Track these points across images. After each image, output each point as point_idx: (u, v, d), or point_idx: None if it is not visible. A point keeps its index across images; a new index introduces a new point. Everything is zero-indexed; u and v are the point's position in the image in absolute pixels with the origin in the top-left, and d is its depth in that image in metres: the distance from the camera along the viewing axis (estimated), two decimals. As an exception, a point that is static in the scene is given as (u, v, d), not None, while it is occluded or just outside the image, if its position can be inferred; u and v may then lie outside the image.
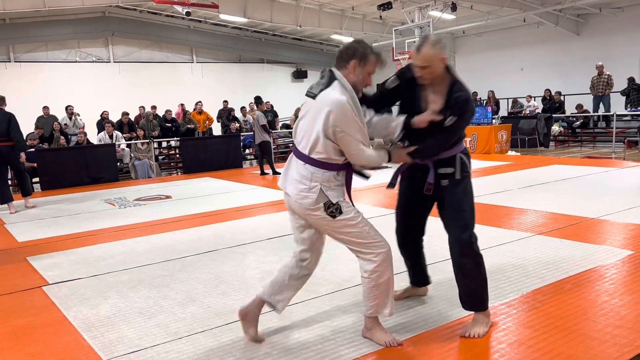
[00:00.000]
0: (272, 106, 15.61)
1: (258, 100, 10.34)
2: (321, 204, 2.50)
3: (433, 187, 2.76)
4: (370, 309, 2.65)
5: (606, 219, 5.10)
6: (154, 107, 13.85)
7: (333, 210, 2.50)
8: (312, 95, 2.57)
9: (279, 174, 10.27)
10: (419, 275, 3.24)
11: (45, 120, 12.36)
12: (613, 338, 2.62)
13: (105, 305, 3.54)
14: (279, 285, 2.73)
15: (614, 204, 5.75)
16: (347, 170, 2.60)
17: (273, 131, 13.46)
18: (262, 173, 10.56)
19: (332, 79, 2.53)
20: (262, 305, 2.78)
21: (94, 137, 12.65)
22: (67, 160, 10.49)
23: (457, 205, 2.72)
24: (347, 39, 19.90)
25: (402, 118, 2.74)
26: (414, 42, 14.62)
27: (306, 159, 2.53)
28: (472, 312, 2.83)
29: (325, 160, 2.50)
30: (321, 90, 2.53)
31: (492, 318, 2.92)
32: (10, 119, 7.23)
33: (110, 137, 11.59)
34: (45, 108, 12.76)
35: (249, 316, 2.76)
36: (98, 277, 4.21)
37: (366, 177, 2.72)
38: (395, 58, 15.38)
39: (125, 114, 13.09)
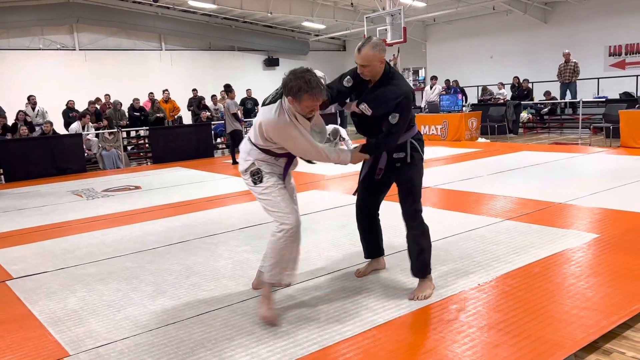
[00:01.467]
0: (251, 93, 15.52)
1: (228, 88, 10.19)
2: (248, 171, 2.94)
3: (384, 171, 3.13)
4: (269, 271, 2.90)
5: (573, 204, 5.21)
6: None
7: (255, 177, 2.91)
8: (263, 102, 2.95)
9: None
10: (373, 246, 3.50)
11: None
12: (579, 320, 2.68)
13: (73, 299, 3.46)
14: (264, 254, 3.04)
15: (580, 188, 5.89)
16: (288, 157, 2.97)
17: (248, 120, 13.35)
18: (234, 162, 10.46)
19: (279, 97, 2.83)
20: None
21: (60, 127, 12.33)
22: (32, 151, 10.20)
23: (409, 184, 3.08)
24: (319, 26, 19.90)
25: (350, 147, 3.29)
26: (385, 29, 14.62)
27: (253, 143, 2.97)
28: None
29: (265, 148, 2.91)
30: (266, 103, 2.89)
31: (464, 302, 2.97)
32: None
33: (83, 127, 11.29)
34: None
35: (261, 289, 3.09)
36: (65, 270, 4.10)
37: (312, 162, 3.10)
38: (366, 46, 15.32)
39: (92, 102, 12.77)
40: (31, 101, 12.54)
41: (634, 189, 5.76)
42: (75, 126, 11.35)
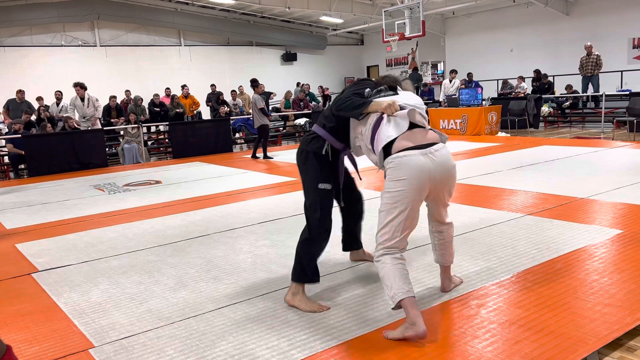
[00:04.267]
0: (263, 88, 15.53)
1: (254, 82, 10.15)
2: None
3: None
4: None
5: (595, 199, 5.13)
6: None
7: None
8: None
9: (271, 158, 10.25)
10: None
11: (17, 106, 11.79)
12: (602, 316, 2.65)
13: (96, 292, 3.52)
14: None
15: (602, 183, 5.79)
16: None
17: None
18: (254, 157, 10.52)
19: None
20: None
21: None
22: (54, 146, 10.37)
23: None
24: (337, 21, 19.86)
25: None
26: (404, 23, 14.53)
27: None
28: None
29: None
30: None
31: (484, 299, 2.95)
32: None
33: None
34: (20, 92, 12.00)
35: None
36: (88, 263, 4.18)
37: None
38: (385, 40, 15.27)
39: (112, 97, 12.92)
40: (56, 96, 12.72)
41: (658, 184, 5.65)
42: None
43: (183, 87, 14.61)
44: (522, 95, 13.74)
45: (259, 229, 4.87)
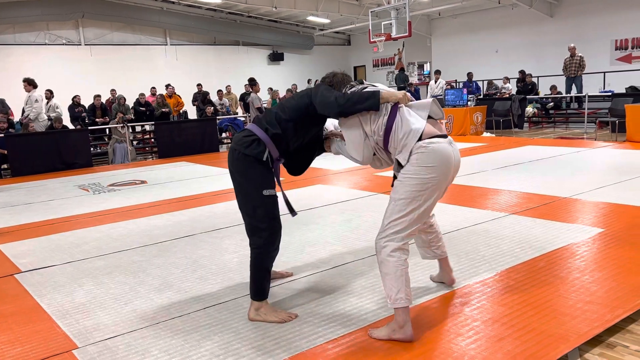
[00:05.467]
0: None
1: (252, 82, 10.18)
2: None
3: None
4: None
5: (578, 198, 5.21)
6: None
7: None
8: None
9: None
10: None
11: None
12: (584, 313, 2.69)
13: (80, 292, 3.49)
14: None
15: (585, 183, 5.88)
16: None
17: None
18: None
19: None
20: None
21: (65, 122, 12.37)
22: (38, 146, 10.25)
23: None
24: (324, 21, 19.87)
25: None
26: (390, 24, 14.59)
27: None
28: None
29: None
30: None
31: (468, 297, 2.99)
32: None
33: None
34: None
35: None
36: (72, 264, 4.14)
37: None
38: (371, 40, 15.32)
39: (97, 96, 12.81)
40: (46, 95, 12.54)
41: (639, 184, 5.74)
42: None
43: (167, 86, 14.52)
44: (507, 96, 13.87)
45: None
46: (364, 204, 5.58)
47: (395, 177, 2.65)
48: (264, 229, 2.77)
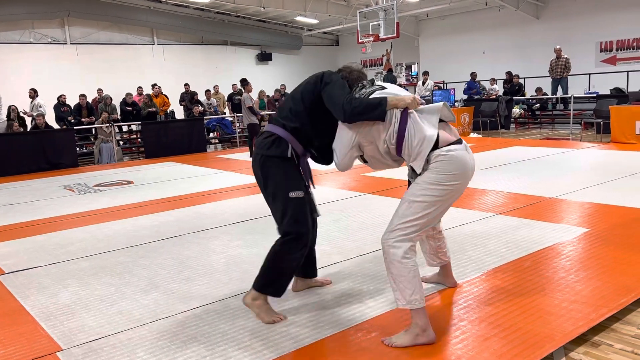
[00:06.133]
0: (236, 88, 15.42)
1: (244, 82, 10.26)
2: None
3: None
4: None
5: (563, 198, 5.25)
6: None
7: None
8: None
9: None
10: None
11: None
12: (569, 312, 2.71)
13: (65, 294, 3.45)
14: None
15: (570, 183, 5.93)
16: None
17: (239, 115, 13.27)
18: (252, 155, 10.50)
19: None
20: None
21: (51, 121, 12.25)
22: (23, 146, 10.13)
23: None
24: (312, 21, 19.86)
25: None
26: (378, 25, 14.63)
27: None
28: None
29: None
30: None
31: (454, 296, 3.00)
32: None
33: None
34: None
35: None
36: (57, 265, 4.10)
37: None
38: (359, 41, 15.35)
39: (82, 96, 12.69)
40: (30, 95, 12.39)
41: (623, 184, 5.81)
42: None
43: (154, 86, 14.42)
44: (494, 97, 13.97)
45: (233, 230, 4.84)
46: (352, 204, 5.58)
47: (409, 183, 2.64)
48: (288, 232, 2.69)
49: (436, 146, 2.45)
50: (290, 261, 2.75)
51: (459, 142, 2.54)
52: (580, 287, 3.04)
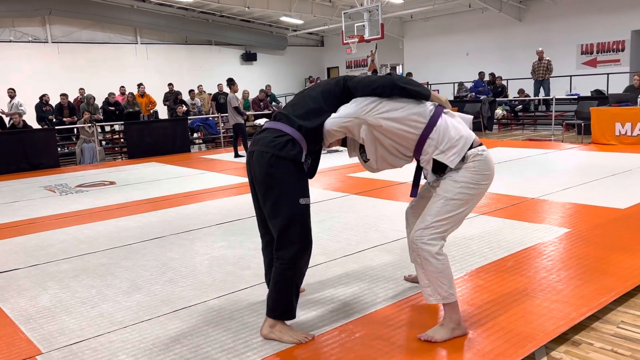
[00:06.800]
0: (222, 88, 15.35)
1: (230, 82, 10.23)
2: None
3: None
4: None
5: (545, 199, 5.31)
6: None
7: None
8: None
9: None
10: None
11: None
12: (550, 312, 2.74)
13: (45, 296, 3.40)
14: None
15: (552, 184, 6.00)
16: None
17: (224, 115, 13.21)
18: (236, 155, 10.49)
19: None
20: None
21: (32, 121, 12.08)
22: (2, 146, 9.96)
23: None
24: (297, 22, 19.84)
25: None
26: (363, 25, 14.66)
27: None
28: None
29: None
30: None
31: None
32: None
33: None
34: None
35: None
36: (37, 267, 4.03)
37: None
38: (344, 42, 15.37)
39: (63, 95, 12.53)
40: (9, 94, 12.20)
41: (604, 185, 5.90)
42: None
43: (139, 85, 14.30)
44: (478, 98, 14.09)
45: (217, 231, 4.81)
46: (336, 205, 5.58)
47: (415, 185, 2.72)
48: (295, 242, 2.47)
49: (471, 146, 2.52)
50: (302, 276, 2.59)
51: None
52: (561, 286, 3.07)
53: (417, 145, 2.51)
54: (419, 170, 2.71)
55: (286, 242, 2.48)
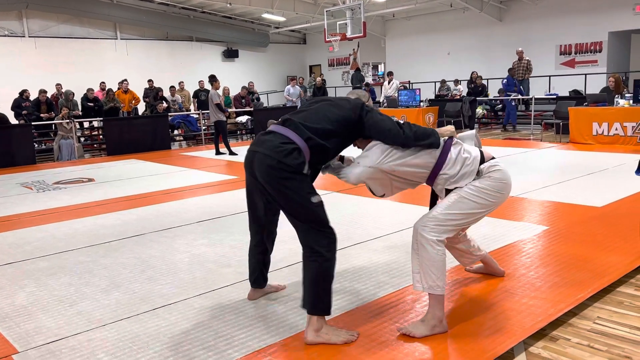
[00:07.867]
0: (203, 84, 15.19)
1: (212, 78, 10.14)
2: None
3: None
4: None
5: (524, 197, 5.38)
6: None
7: None
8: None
9: (236, 154, 10.09)
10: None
11: None
12: (529, 308, 2.78)
13: (21, 295, 3.34)
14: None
15: (531, 182, 6.09)
16: None
17: (205, 112, 13.10)
18: (218, 153, 10.40)
19: None
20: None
21: (9, 117, 11.83)
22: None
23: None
24: (279, 19, 19.77)
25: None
26: (345, 24, 14.67)
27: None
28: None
29: None
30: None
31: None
32: None
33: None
34: None
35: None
36: (13, 265, 3.96)
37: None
38: (327, 40, 15.37)
39: (42, 91, 12.30)
40: None
41: (581, 183, 5.99)
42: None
43: (122, 82, 14.09)
44: (458, 97, 14.21)
45: (197, 228, 4.77)
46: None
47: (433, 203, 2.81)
48: (322, 237, 2.50)
49: (482, 162, 2.61)
50: (334, 267, 2.57)
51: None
52: (540, 283, 3.11)
53: (429, 179, 2.64)
54: (434, 194, 2.84)
55: (314, 241, 2.49)
